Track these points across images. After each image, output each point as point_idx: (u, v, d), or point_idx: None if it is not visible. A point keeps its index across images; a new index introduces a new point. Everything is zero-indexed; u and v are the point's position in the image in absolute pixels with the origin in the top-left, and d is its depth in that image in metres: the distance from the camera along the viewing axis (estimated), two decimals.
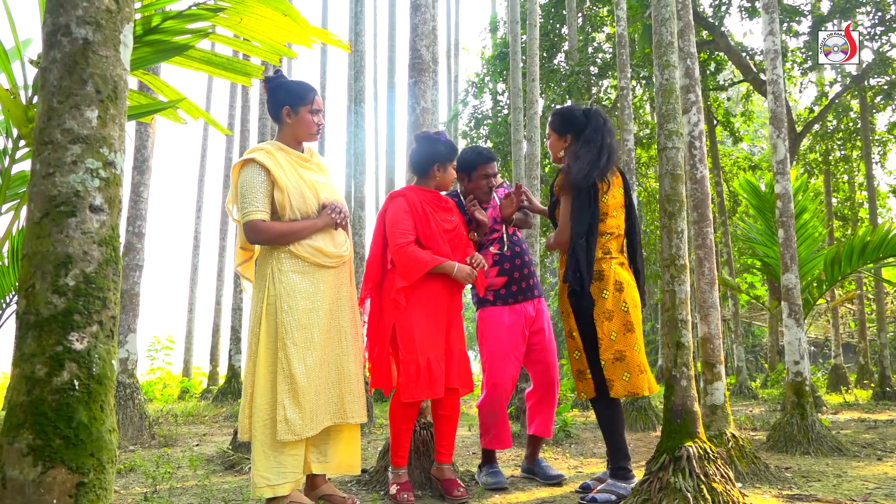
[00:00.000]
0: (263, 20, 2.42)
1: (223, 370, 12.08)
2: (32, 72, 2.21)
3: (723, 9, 11.00)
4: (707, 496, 2.43)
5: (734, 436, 3.56)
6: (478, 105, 13.02)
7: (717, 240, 11.91)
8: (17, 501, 1.16)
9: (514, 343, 3.37)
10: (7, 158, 2.35)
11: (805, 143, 13.08)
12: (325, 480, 2.91)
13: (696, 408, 2.70)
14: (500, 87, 12.49)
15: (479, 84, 12.67)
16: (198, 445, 5.20)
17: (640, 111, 12.99)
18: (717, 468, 2.56)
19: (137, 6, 2.20)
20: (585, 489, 3.14)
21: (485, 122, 12.42)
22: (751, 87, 12.24)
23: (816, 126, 12.17)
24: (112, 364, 1.29)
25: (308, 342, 2.69)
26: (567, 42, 10.83)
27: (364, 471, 3.52)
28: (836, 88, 11.45)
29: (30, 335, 1.23)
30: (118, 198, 1.35)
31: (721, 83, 12.86)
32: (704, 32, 11.05)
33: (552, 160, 3.36)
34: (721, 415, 3.67)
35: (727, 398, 3.74)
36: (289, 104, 2.83)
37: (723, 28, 10.91)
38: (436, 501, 3.07)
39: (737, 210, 13.42)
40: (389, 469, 3.16)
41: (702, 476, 2.49)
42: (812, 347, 18.83)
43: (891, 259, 6.06)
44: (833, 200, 13.00)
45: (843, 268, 6.13)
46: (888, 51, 10.19)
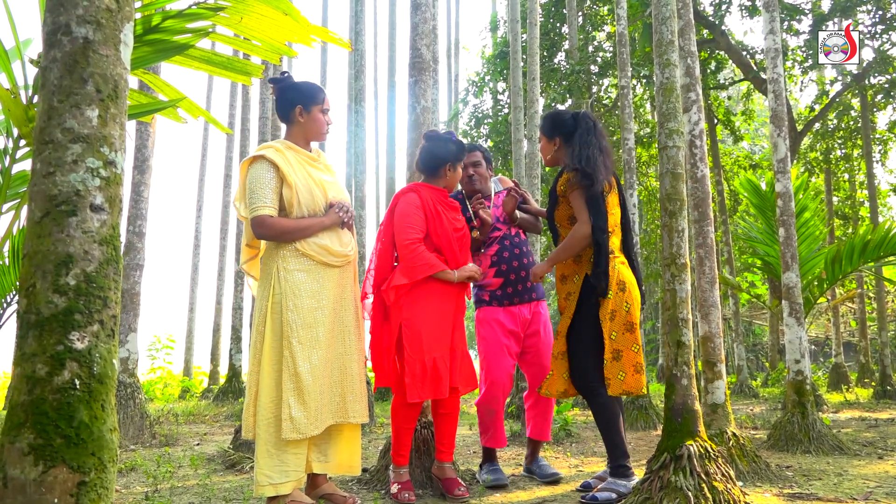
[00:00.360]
0: (264, 19, 2.42)
1: (224, 369, 12.09)
2: (33, 71, 2.22)
3: (723, 7, 10.98)
4: (708, 495, 2.43)
5: (735, 434, 3.56)
6: (478, 104, 13.01)
7: (718, 238, 11.90)
8: (19, 500, 1.16)
9: (509, 341, 3.42)
10: (7, 158, 2.35)
11: (806, 142, 13.07)
12: (326, 479, 2.91)
13: (697, 406, 2.70)
14: (501, 86, 12.48)
15: (480, 83, 12.66)
16: (199, 445, 5.20)
17: (641, 110, 12.98)
18: (718, 467, 2.56)
19: (137, 5, 2.20)
20: (586, 488, 3.15)
21: (485, 122, 12.41)
22: (751, 86, 12.23)
23: (817, 125, 12.16)
24: (113, 363, 1.29)
25: (313, 341, 2.69)
26: (567, 41, 10.82)
27: (365, 470, 3.52)
28: (837, 87, 11.46)
29: (31, 334, 1.23)
30: (119, 197, 1.35)
31: (721, 82, 12.85)
32: (705, 31, 11.04)
33: (546, 163, 3.36)
34: (722, 413, 3.67)
35: (728, 397, 3.75)
36: (301, 104, 2.86)
37: (723, 27, 10.90)
38: (437, 500, 3.08)
39: (737, 209, 13.40)
40: (390, 468, 3.16)
41: (703, 475, 2.49)
42: (813, 346, 18.82)
43: (891, 258, 6.06)
44: (834, 199, 12.99)
45: (844, 266, 6.13)
46: (889, 49, 10.19)
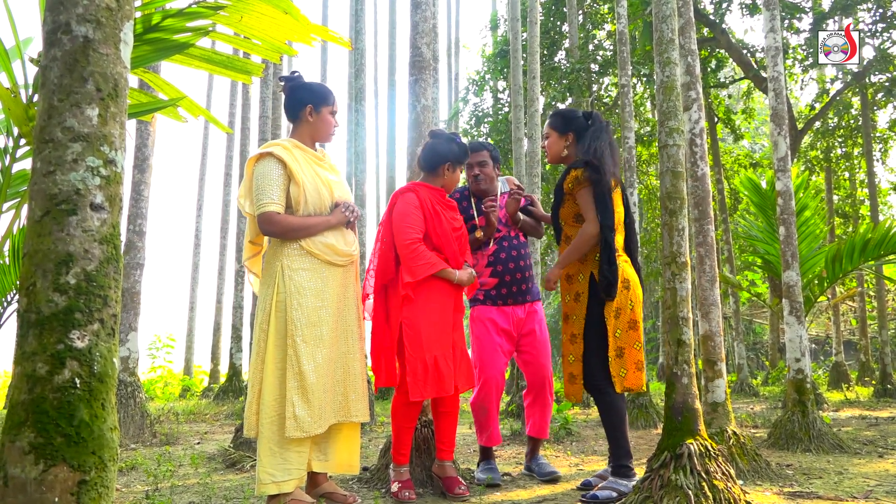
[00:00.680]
0: (264, 18, 2.42)
1: (224, 368, 12.09)
2: (33, 70, 2.21)
3: (724, 6, 10.98)
4: (708, 493, 2.43)
5: (735, 433, 3.56)
6: (478, 103, 13.00)
7: (718, 237, 11.90)
8: (19, 499, 1.16)
9: (502, 340, 3.44)
10: (8, 157, 2.35)
11: (806, 141, 13.07)
12: (327, 478, 2.91)
13: (698, 405, 2.70)
14: (501, 85, 12.48)
15: (480, 82, 12.66)
16: (199, 443, 5.20)
17: (641, 108, 12.98)
18: (719, 465, 2.56)
19: (137, 4, 2.20)
20: (586, 486, 3.15)
21: (485, 120, 12.40)
22: (752, 85, 12.22)
23: (817, 123, 12.15)
24: (113, 362, 1.29)
25: (317, 339, 2.70)
26: (568, 39, 10.82)
27: (365, 468, 3.52)
28: (837, 85, 11.45)
29: (31, 333, 1.23)
30: (119, 196, 1.35)
31: (722, 80, 12.84)
32: (705, 29, 11.03)
33: (550, 160, 3.35)
34: (722, 412, 3.67)
35: (728, 396, 3.74)
36: (311, 103, 2.87)
37: (724, 25, 10.89)
38: (437, 499, 3.08)
39: (738, 207, 13.40)
40: (391, 467, 3.16)
41: (703, 473, 2.49)
42: (813, 345, 18.82)
43: (892, 256, 6.05)
44: (834, 198, 12.99)
45: (844, 265, 6.13)
46: (889, 48, 10.18)
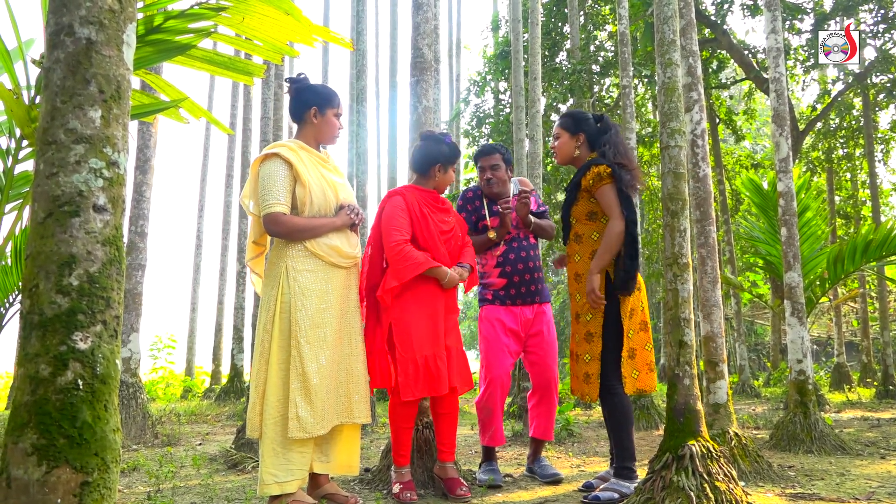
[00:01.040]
0: (265, 19, 2.42)
1: (226, 369, 12.10)
2: (35, 72, 2.22)
3: (725, 7, 10.97)
4: (710, 495, 2.43)
5: (737, 434, 3.56)
6: (480, 104, 13.00)
7: (720, 238, 11.89)
8: (22, 501, 1.16)
9: (509, 340, 3.46)
10: (10, 158, 2.36)
11: (808, 141, 13.05)
12: (328, 479, 2.92)
13: (699, 406, 2.70)
14: (502, 86, 12.47)
15: (481, 83, 12.65)
16: (201, 444, 5.20)
17: (643, 110, 12.97)
18: (720, 467, 2.56)
19: (139, 5, 2.20)
20: (588, 488, 3.15)
21: (487, 121, 12.40)
22: (753, 85, 12.22)
23: (819, 124, 12.14)
24: (116, 364, 1.29)
25: (321, 341, 2.70)
26: (569, 40, 10.82)
27: (367, 470, 3.52)
28: (839, 86, 11.43)
29: (34, 335, 1.23)
30: (121, 197, 1.35)
31: (723, 81, 12.84)
32: (706, 30, 11.03)
33: (560, 160, 3.33)
34: (724, 413, 3.67)
35: (730, 397, 3.74)
36: (316, 105, 2.88)
37: (725, 26, 10.88)
38: (439, 500, 3.07)
39: (739, 208, 13.38)
40: (392, 468, 3.16)
41: (705, 475, 2.49)
42: (815, 346, 18.80)
43: (893, 257, 6.04)
44: (836, 198, 12.97)
45: (846, 266, 6.12)
46: (891, 48, 10.16)
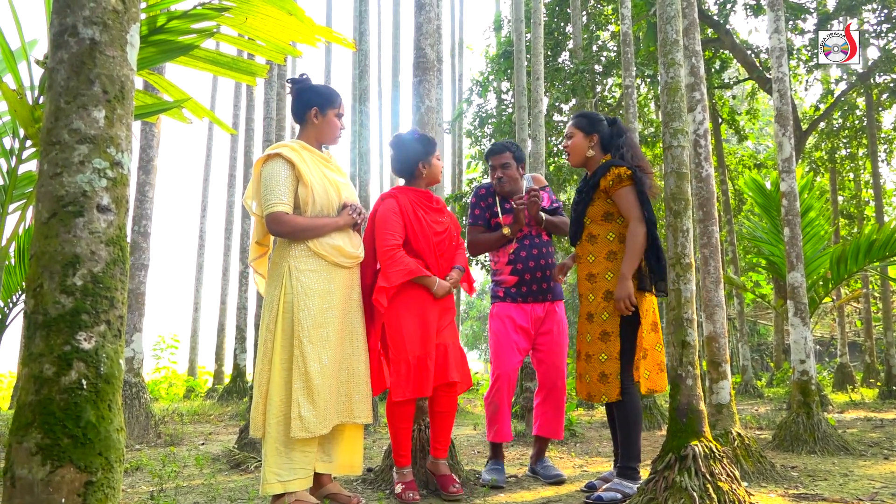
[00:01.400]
0: (268, 19, 2.42)
1: (228, 369, 12.12)
2: (38, 72, 2.22)
3: (728, 6, 10.95)
4: (713, 495, 2.43)
5: (740, 435, 3.56)
6: (482, 104, 12.99)
7: (723, 238, 11.87)
8: (26, 500, 1.17)
9: (518, 337, 3.46)
10: (14, 158, 2.36)
11: (811, 141, 13.03)
12: (331, 479, 2.92)
13: (702, 407, 2.70)
14: (505, 86, 12.46)
15: (484, 83, 12.64)
16: (203, 444, 5.21)
17: (645, 109, 12.96)
18: (723, 467, 2.56)
19: (143, 6, 2.21)
20: (591, 488, 3.15)
21: (489, 121, 12.39)
22: (756, 85, 12.19)
23: (822, 124, 12.12)
24: (119, 363, 1.30)
25: (324, 341, 2.71)
26: (571, 40, 10.81)
27: (370, 470, 3.53)
28: (842, 86, 11.42)
29: (38, 335, 1.23)
30: (125, 198, 1.36)
31: (726, 81, 12.82)
32: (709, 30, 11.01)
33: (572, 160, 3.28)
34: (727, 414, 3.66)
35: (733, 397, 3.73)
36: (317, 105, 2.89)
37: (728, 26, 10.86)
38: (441, 501, 3.07)
39: (742, 208, 13.37)
40: (394, 469, 3.16)
41: (707, 475, 2.49)
42: (818, 346, 18.77)
43: None
44: (839, 198, 12.95)
45: (849, 266, 6.11)
46: (894, 48, 10.13)
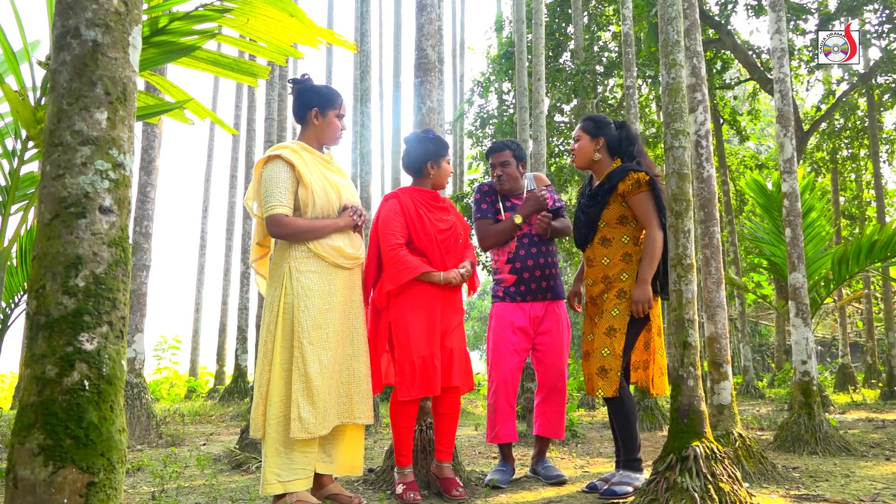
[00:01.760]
0: (270, 21, 2.42)
1: (230, 370, 12.11)
2: (40, 73, 2.23)
3: (729, 7, 10.94)
4: (714, 496, 2.42)
5: (741, 435, 3.55)
6: (483, 105, 12.99)
7: (724, 239, 11.86)
8: (28, 501, 1.17)
9: (517, 337, 3.45)
10: (16, 159, 2.37)
11: (812, 142, 13.02)
12: (332, 480, 2.92)
13: (703, 407, 2.70)
14: (506, 87, 12.47)
15: (485, 83, 12.64)
16: (205, 445, 5.22)
17: (646, 110, 12.95)
18: (725, 468, 2.55)
19: (144, 7, 2.21)
20: (592, 489, 3.15)
21: (490, 122, 12.39)
22: (757, 86, 12.19)
23: (823, 124, 12.11)
24: (122, 364, 1.30)
25: (323, 342, 2.71)
26: (573, 41, 10.81)
27: (371, 470, 3.53)
28: (844, 87, 11.40)
29: (40, 336, 1.24)
30: (127, 199, 1.36)
31: (727, 82, 12.81)
32: (711, 31, 11.01)
33: (578, 163, 3.30)
34: (728, 414, 3.66)
35: (734, 398, 3.73)
36: (317, 106, 2.88)
37: (729, 26, 10.86)
38: (442, 502, 3.07)
39: (743, 209, 13.37)
40: (395, 469, 3.16)
41: (709, 476, 2.49)
42: (819, 347, 18.75)
43: None
44: (840, 199, 12.94)
45: (851, 267, 6.11)
46: None
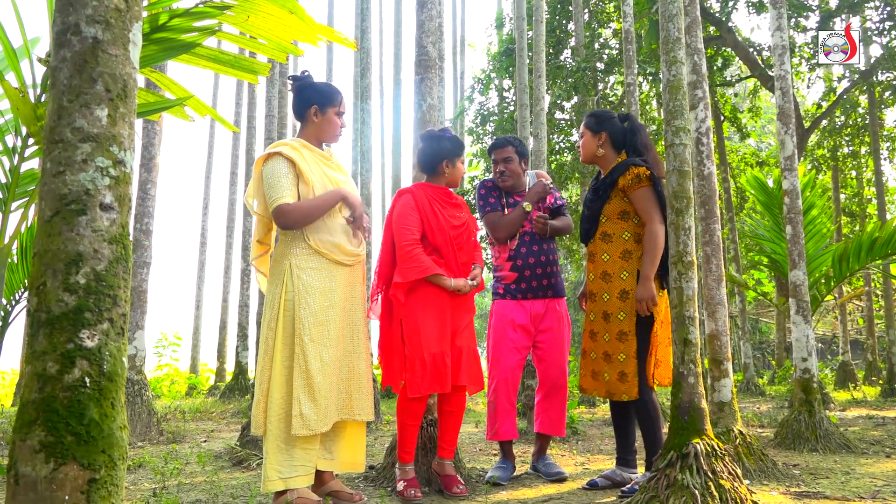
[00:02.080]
0: (270, 18, 2.42)
1: (230, 367, 12.13)
2: (40, 70, 2.23)
3: (730, 4, 10.92)
4: (714, 493, 2.43)
5: (742, 433, 3.56)
6: (484, 102, 12.97)
7: (725, 236, 11.86)
8: (30, 498, 1.17)
9: (517, 335, 3.46)
10: (16, 156, 2.36)
11: (813, 139, 13.01)
12: (333, 477, 2.93)
13: (704, 405, 2.70)
14: (507, 84, 12.46)
15: (486, 81, 12.63)
16: (206, 442, 5.22)
17: (647, 107, 12.94)
18: (725, 465, 2.56)
19: (144, 4, 2.21)
20: (593, 486, 3.15)
21: (491, 119, 12.38)
22: (758, 83, 12.17)
23: (824, 122, 12.10)
24: (122, 361, 1.30)
25: (324, 338, 2.72)
26: (573, 38, 10.79)
27: (372, 467, 3.53)
28: (845, 84, 11.38)
29: (41, 333, 1.24)
30: (128, 196, 1.36)
31: (728, 79, 12.78)
32: (711, 28, 10.99)
33: (583, 159, 3.34)
34: (728, 412, 3.66)
35: (734, 395, 3.73)
36: (317, 104, 2.88)
37: (730, 23, 10.84)
38: (443, 499, 3.08)
39: (744, 206, 13.36)
40: (397, 465, 3.16)
41: (709, 473, 2.49)
42: (820, 344, 18.76)
43: None
44: (841, 196, 12.94)
45: (851, 264, 6.11)
46: None
